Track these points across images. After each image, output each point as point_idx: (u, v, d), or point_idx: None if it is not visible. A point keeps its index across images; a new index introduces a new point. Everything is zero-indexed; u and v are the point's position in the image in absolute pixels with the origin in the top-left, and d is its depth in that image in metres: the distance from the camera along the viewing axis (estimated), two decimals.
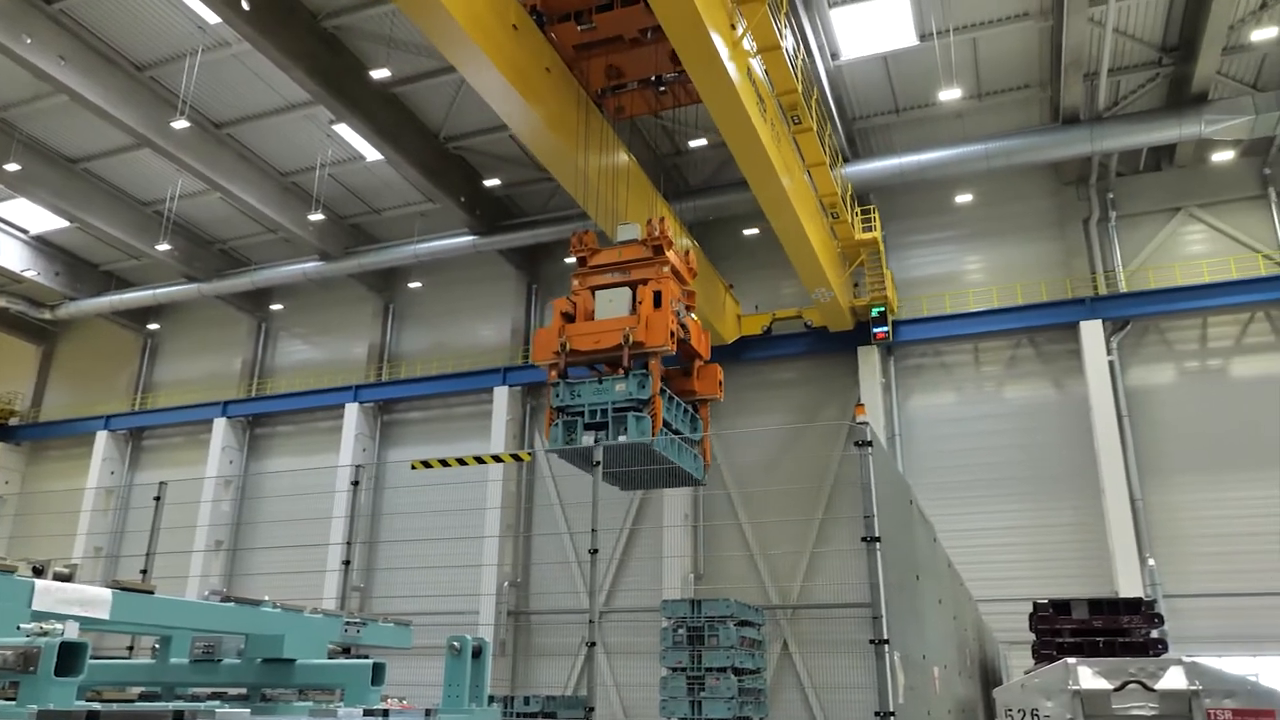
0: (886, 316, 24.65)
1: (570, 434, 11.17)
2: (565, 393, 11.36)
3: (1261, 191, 24.15)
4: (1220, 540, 22.09)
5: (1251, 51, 22.00)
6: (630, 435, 10.76)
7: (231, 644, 4.78)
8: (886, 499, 6.50)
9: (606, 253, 12.48)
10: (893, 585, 6.06)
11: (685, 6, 12.86)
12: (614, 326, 11.47)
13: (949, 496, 24.37)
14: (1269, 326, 23.37)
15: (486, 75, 14.50)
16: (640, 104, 16.71)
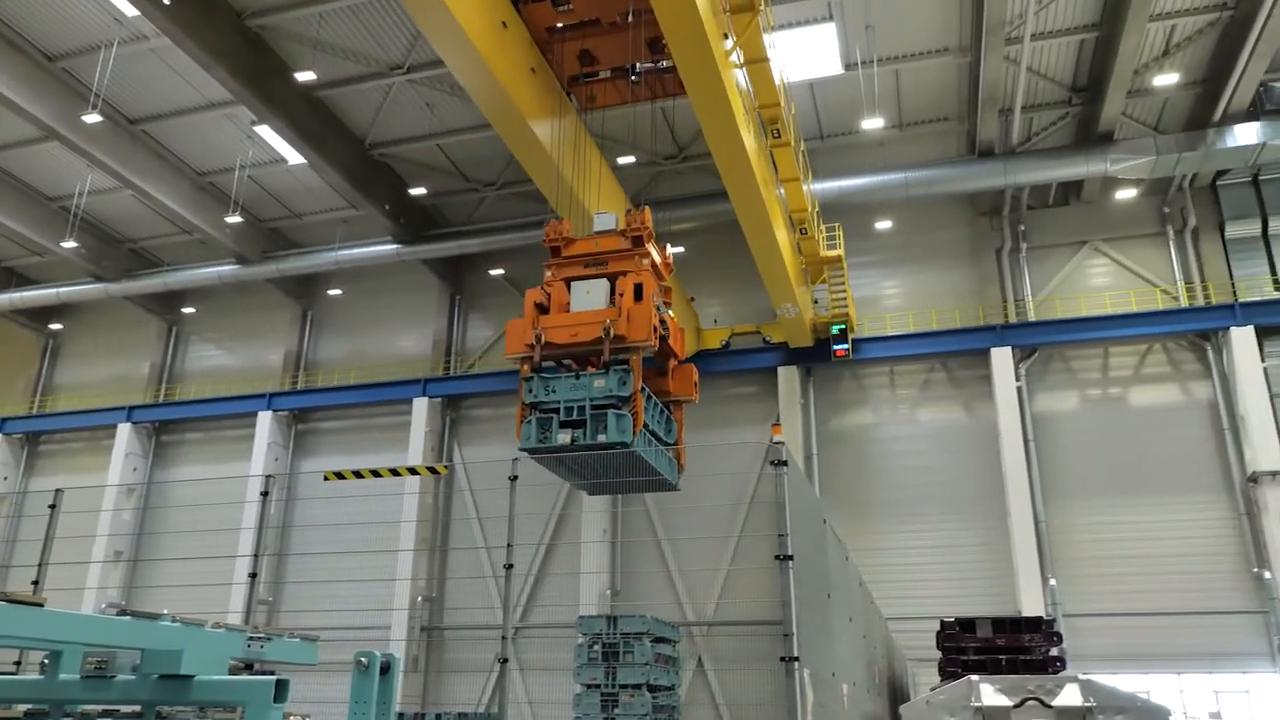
0: (846, 334, 24.93)
1: (544, 432, 10.59)
2: (539, 388, 10.77)
3: (1161, 229, 25.36)
4: (1115, 562, 23.00)
5: (1154, 95, 23.14)
6: (610, 434, 10.29)
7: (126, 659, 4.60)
8: (801, 518, 6.61)
9: (582, 243, 11.82)
10: (804, 603, 6.16)
11: (689, 14, 12.90)
12: (593, 319, 10.92)
13: (863, 516, 24.90)
14: (1165, 358, 24.49)
15: (476, 72, 14.13)
16: (612, 94, 16.14)
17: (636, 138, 25.69)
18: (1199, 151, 22.52)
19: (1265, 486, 21.84)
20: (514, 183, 27.74)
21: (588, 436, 10.37)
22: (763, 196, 18.47)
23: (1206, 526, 22.88)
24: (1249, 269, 24.18)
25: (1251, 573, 22.24)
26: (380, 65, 23.33)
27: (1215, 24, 21.12)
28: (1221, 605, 22.19)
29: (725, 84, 14.74)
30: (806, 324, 24.47)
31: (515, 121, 15.21)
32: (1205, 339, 24.09)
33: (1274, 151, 22.25)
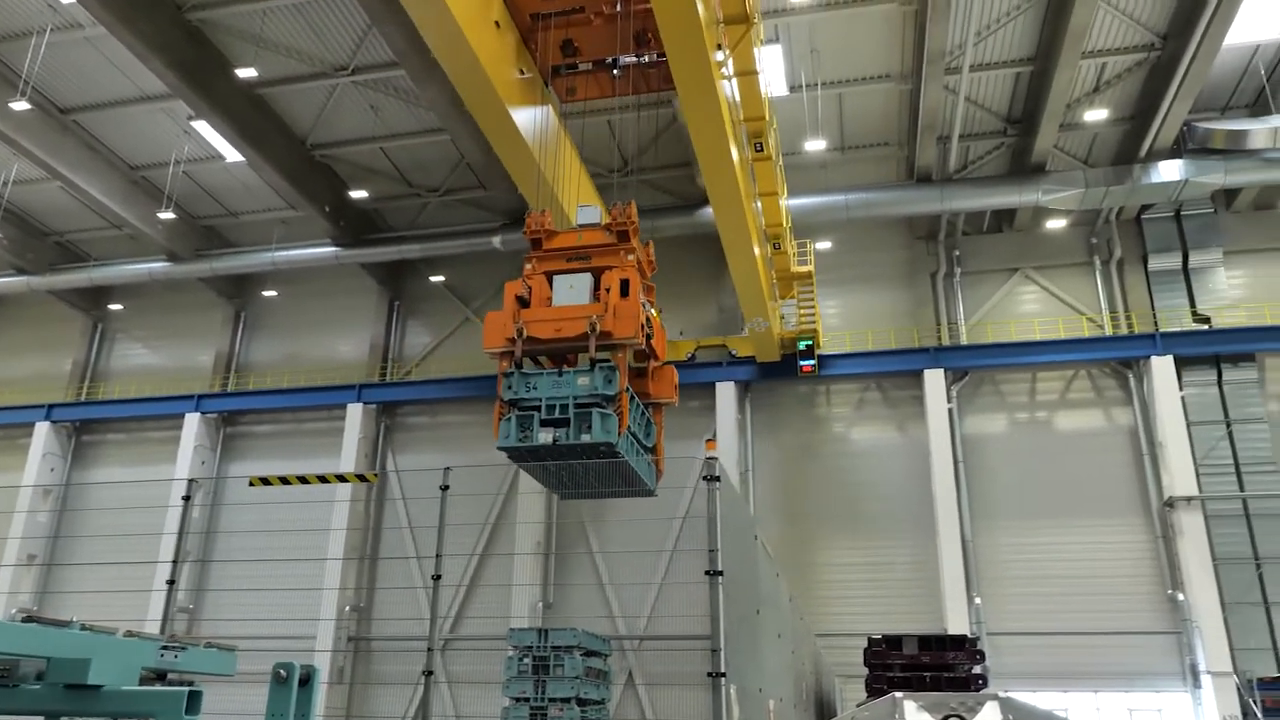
0: (813, 350, 25.05)
1: (524, 430, 10.12)
2: (519, 384, 10.27)
3: (1088, 259, 26.19)
4: (1038, 581, 23.58)
5: (1085, 130, 23.93)
6: (595, 434, 9.88)
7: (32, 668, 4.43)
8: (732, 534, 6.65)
9: (564, 236, 11.36)
10: (733, 619, 6.19)
11: (690, 22, 12.89)
12: (577, 314, 10.50)
13: (797, 532, 25.15)
14: (1090, 384, 25.25)
15: (468, 70, 13.89)
16: (593, 87, 15.64)
17: (582, 150, 25.72)
18: (1125, 186, 23.33)
19: (1180, 511, 22.61)
20: (458, 189, 27.56)
21: (571, 436, 10.02)
22: (745, 209, 18.54)
23: (1125, 549, 23.59)
24: (1170, 300, 25.06)
25: (1166, 594, 22.98)
26: (324, 65, 23.01)
27: (1143, 64, 21.94)
28: (1137, 626, 22.87)
29: (718, 94, 14.77)
30: (775, 339, 24.60)
31: (496, 109, 14.74)
32: (1128, 367, 24.90)
33: (1195, 189, 23.14)
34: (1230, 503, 22.91)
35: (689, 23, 12.96)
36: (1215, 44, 19.61)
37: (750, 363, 26.05)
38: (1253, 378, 23.88)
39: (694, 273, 28.07)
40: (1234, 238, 25.36)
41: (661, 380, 12.04)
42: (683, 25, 13.00)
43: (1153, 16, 20.71)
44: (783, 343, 25.18)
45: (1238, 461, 23.21)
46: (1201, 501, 22.70)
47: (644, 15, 13.79)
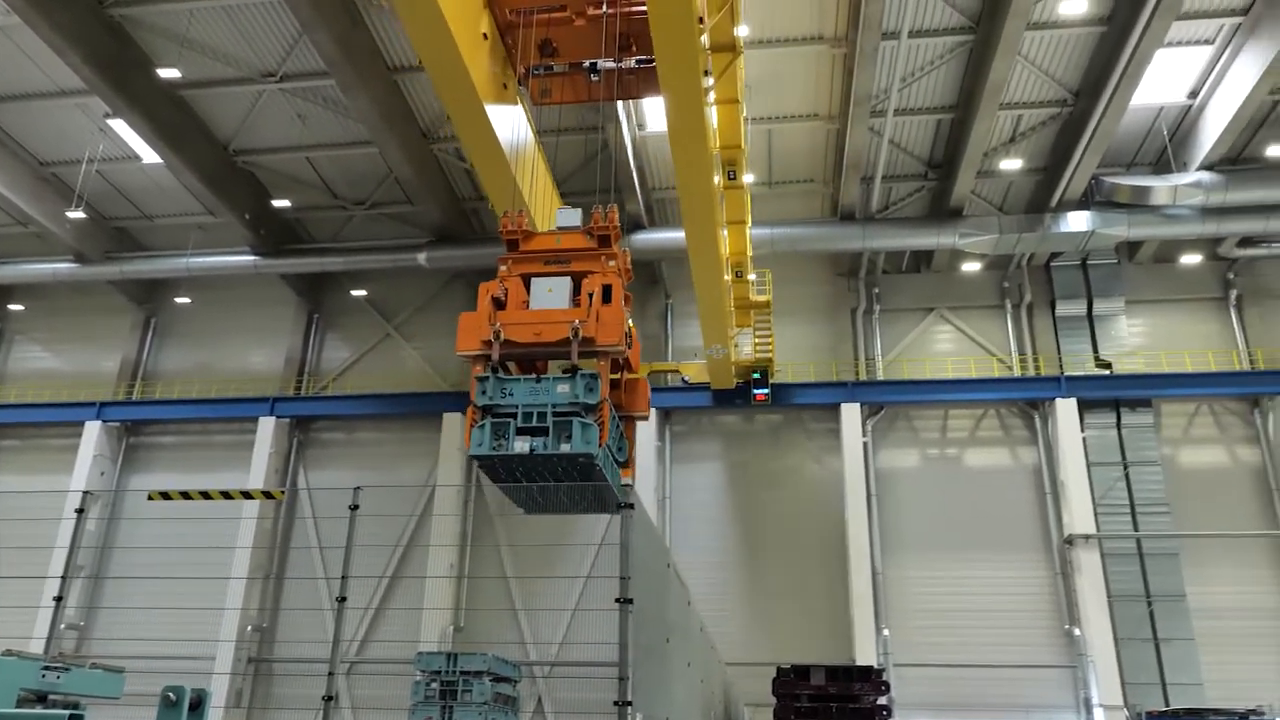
0: (766, 379, 25.16)
1: (499, 438, 9.56)
2: (494, 390, 9.71)
3: (1000, 302, 27.12)
4: (943, 615, 24.13)
5: (1000, 178, 24.85)
6: (575, 445, 9.36)
7: None
8: (644, 562, 6.67)
9: (542, 238, 10.91)
10: (642, 647, 6.19)
11: (688, 46, 12.84)
12: (557, 318, 10.06)
13: (709, 560, 25.28)
14: (998, 423, 26.07)
15: (456, 84, 13.57)
16: (569, 91, 15.12)
17: None
18: (1037, 233, 24.27)
19: (1079, 549, 23.43)
20: (385, 203, 27.20)
21: (549, 446, 9.46)
22: (718, 235, 18.60)
23: (1026, 584, 24.31)
24: (1074, 345, 26.08)
25: (1064, 629, 23.73)
26: (251, 70, 22.55)
27: (1056, 118, 22.92)
28: (1036, 659, 23.54)
29: (705, 120, 14.77)
30: (730, 366, 24.63)
31: (478, 120, 14.41)
32: (1034, 407, 25.80)
33: (1101, 239, 24.20)
34: (1125, 542, 23.84)
35: (685, 48, 12.91)
36: (1123, 103, 20.60)
37: (704, 389, 26.08)
38: (1149, 422, 24.97)
39: None
40: (1135, 288, 26.58)
41: (635, 393, 11.59)
42: (678, 50, 12.94)
43: (1066, 74, 21.68)
44: (736, 370, 25.26)
45: (1133, 502, 24.19)
46: (1099, 540, 23.57)
47: (628, 19, 13.56)
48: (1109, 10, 19.79)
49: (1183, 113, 22.79)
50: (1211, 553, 23.88)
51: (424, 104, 23.56)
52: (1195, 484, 24.73)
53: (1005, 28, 18.75)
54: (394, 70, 22.26)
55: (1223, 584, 23.62)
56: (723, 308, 21.51)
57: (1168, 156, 23.41)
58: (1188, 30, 20.42)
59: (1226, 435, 25.34)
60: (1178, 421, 25.57)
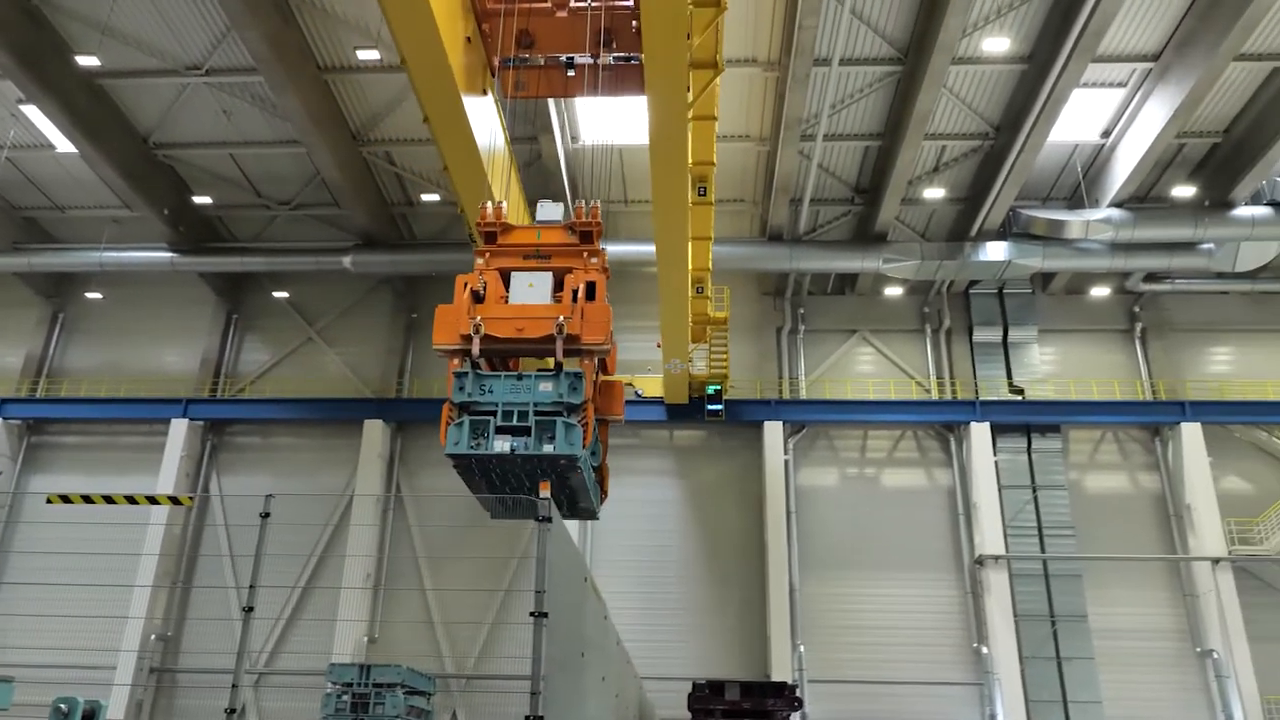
0: (721, 395, 25.25)
1: (478, 436, 9.13)
2: (473, 386, 9.31)
3: (920, 327, 27.83)
4: (857, 631, 24.57)
5: (924, 205, 25.54)
6: (558, 446, 9.00)
7: None
8: (561, 575, 6.66)
9: (522, 232, 10.58)
10: (556, 661, 6.17)
11: (676, 61, 12.79)
12: (540, 314, 9.66)
13: (631, 575, 25.29)
14: (915, 445, 26.71)
15: (438, 84, 13.28)
16: (544, 84, 14.75)
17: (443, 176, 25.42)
18: (957, 261, 24.98)
19: (989, 569, 24.10)
20: (311, 205, 26.69)
21: (531, 446, 9.10)
22: (687, 250, 18.61)
23: (938, 603, 24.90)
24: (990, 371, 26.90)
25: (972, 647, 24.35)
26: (176, 63, 21.95)
27: (978, 150, 23.68)
28: (944, 677, 24.10)
29: (687, 134, 14.80)
30: (686, 381, 24.61)
31: (452, 107, 14.00)
32: (950, 430, 26.50)
33: (1017, 269, 25.02)
34: (1032, 563, 24.61)
35: (673, 61, 12.90)
36: (1040, 139, 21.39)
37: (659, 403, 26.08)
38: (1057, 448, 25.86)
39: None
40: (1048, 318, 27.56)
41: (611, 395, 11.22)
42: (666, 62, 12.89)
43: (989, 108, 22.42)
44: (691, 385, 25.28)
45: (1040, 525, 25.01)
46: (1008, 560, 24.29)
47: (611, 13, 13.40)
48: (1030, 49, 20.55)
49: (1096, 151, 23.74)
50: (1112, 575, 24.81)
51: (355, 106, 23.24)
52: (1099, 508, 25.68)
53: (932, 61, 19.33)
54: (325, 70, 21.91)
55: (1122, 605, 24.54)
56: (685, 323, 21.67)
57: (1081, 192, 24.36)
58: (1102, 73, 21.32)
59: (1129, 462, 26.38)
60: (1084, 448, 26.54)
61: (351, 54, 21.35)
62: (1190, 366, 27.17)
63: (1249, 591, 24.00)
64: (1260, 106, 21.82)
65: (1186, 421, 25.24)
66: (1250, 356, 27.28)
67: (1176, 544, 25.17)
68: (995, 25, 19.95)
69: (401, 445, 27.42)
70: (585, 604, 7.53)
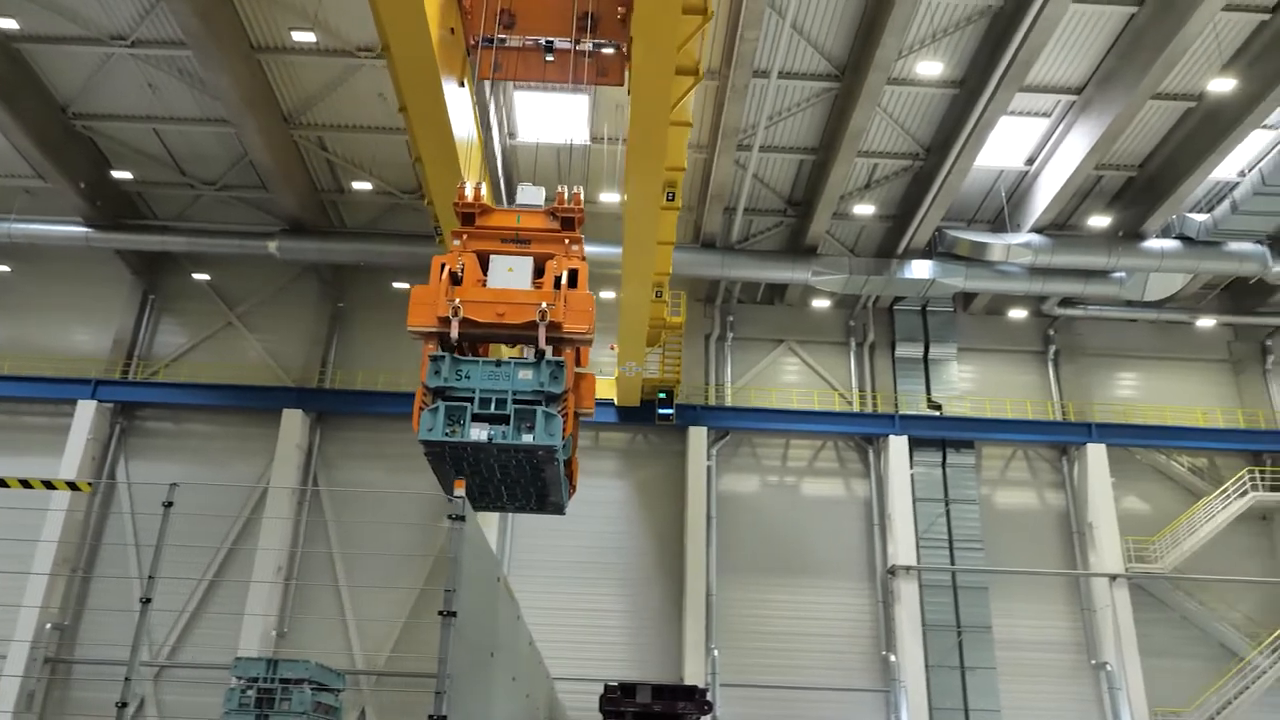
0: (671, 399, 25.30)
1: (453, 423, 8.81)
2: (449, 370, 8.98)
3: (845, 339, 28.39)
4: (771, 637, 24.93)
5: (854, 221, 26.03)
6: (537, 436, 8.72)
7: None
8: (473, 575, 6.62)
9: (501, 215, 10.25)
10: (464, 660, 6.14)
11: (665, 66, 12.76)
12: (521, 299, 9.37)
13: (552, 574, 25.23)
14: (835, 455, 27.21)
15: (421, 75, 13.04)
16: (522, 67, 14.16)
17: (376, 165, 25.10)
18: (883, 277, 25.53)
19: (900, 579, 24.68)
20: (237, 186, 25.99)
21: (509, 436, 8.79)
22: (655, 254, 18.54)
23: (850, 611, 25.42)
24: (910, 385, 27.56)
25: (881, 655, 24.90)
26: (100, 31, 21.17)
27: (908, 170, 24.24)
28: (853, 683, 24.62)
29: (667, 139, 14.76)
30: (639, 384, 24.56)
31: (431, 89, 13.74)
32: (869, 442, 27.07)
33: (940, 288, 25.68)
34: (941, 574, 25.28)
35: (663, 67, 12.88)
36: (968, 163, 22.00)
37: (609, 405, 25.94)
38: (971, 463, 26.63)
39: None
40: (967, 336, 28.35)
41: (582, 389, 10.86)
42: (657, 69, 12.89)
43: (920, 130, 22.97)
44: (643, 389, 25.25)
45: (951, 537, 25.72)
46: (919, 572, 24.90)
47: None
48: (962, 75, 21.12)
49: (1020, 177, 24.50)
50: (1017, 588, 25.63)
51: (288, 88, 22.72)
52: (1007, 523, 26.51)
53: (867, 80, 19.73)
54: (259, 50, 21.37)
55: (1024, 618, 25.38)
56: (644, 326, 21.68)
57: (1004, 217, 25.11)
58: (1029, 102, 22.02)
59: (1037, 479, 27.29)
60: (996, 464, 27.37)
61: (286, 35, 20.88)
62: (1098, 390, 28.24)
63: (1143, 608, 25.04)
64: (1173, 144, 22.78)
65: (1092, 442, 26.24)
66: (1154, 382, 28.47)
67: (1078, 560, 26.12)
68: (930, 49, 20.45)
69: (321, 437, 26.90)
70: (497, 604, 7.50)
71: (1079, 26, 19.78)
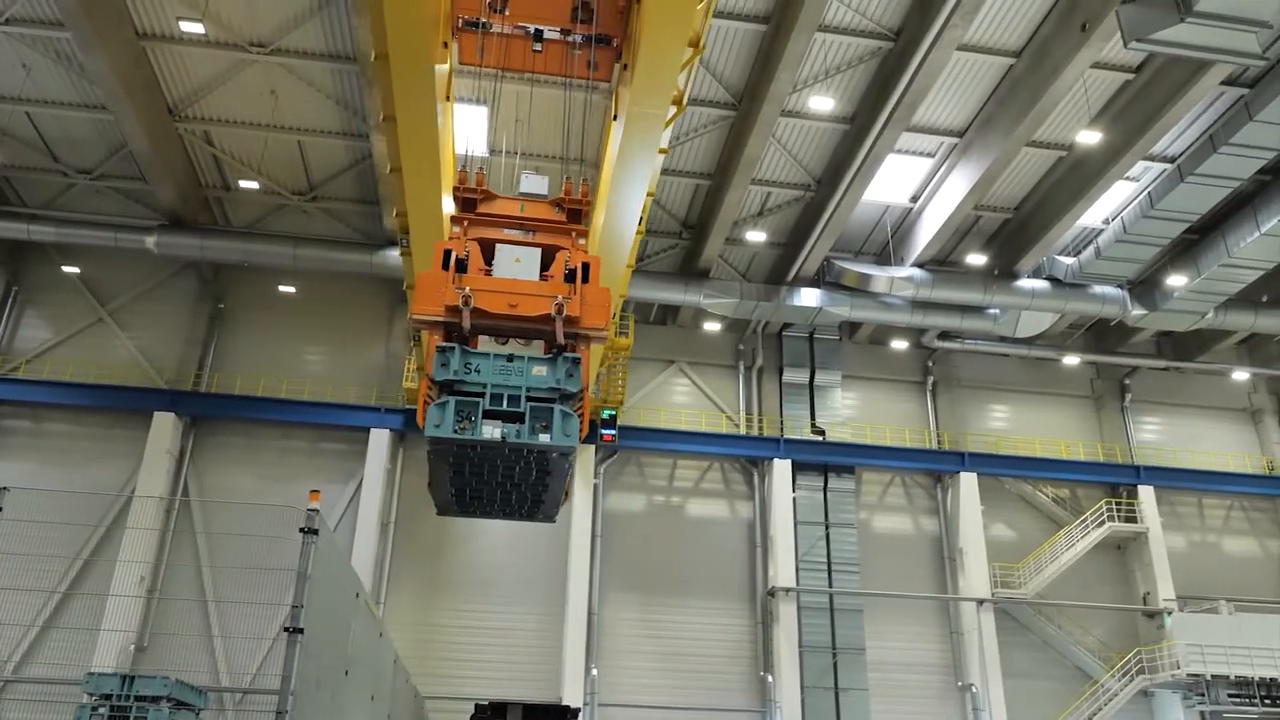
0: (614, 420, 25.12)
1: (463, 419, 8.20)
2: (457, 362, 8.37)
3: (734, 363, 28.85)
4: (652, 657, 25.00)
5: (746, 247, 26.53)
6: (555, 437, 8.21)
7: None
8: (329, 591, 6.44)
9: (504, 202, 9.74)
10: (312, 679, 5.96)
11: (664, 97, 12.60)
12: (534, 291, 8.82)
13: (429, 591, 24.76)
14: (721, 477, 27.56)
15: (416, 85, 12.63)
16: (505, 56, 13.30)
17: (265, 164, 24.34)
18: (773, 303, 26.06)
19: (780, 601, 25.09)
20: (114, 176, 24.83)
21: (525, 435, 8.23)
22: (627, 278, 18.36)
23: (730, 631, 25.70)
24: (795, 410, 28.15)
25: (758, 676, 25.24)
26: None
27: (800, 200, 24.86)
28: (730, 704, 24.87)
29: (651, 167, 14.81)
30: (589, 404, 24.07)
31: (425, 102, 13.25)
32: (754, 465, 27.52)
33: (827, 316, 26.38)
34: (819, 596, 25.82)
35: (661, 97, 12.80)
36: (856, 196, 22.72)
37: None
38: (851, 488, 27.35)
39: (365, 314, 27.36)
40: (851, 364, 29.18)
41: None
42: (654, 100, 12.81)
43: (812, 162, 23.60)
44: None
45: (830, 560, 26.30)
46: (797, 594, 25.37)
47: None
48: (853, 111, 21.82)
49: (905, 213, 25.42)
50: (890, 611, 26.37)
51: (174, 78, 21.85)
52: (883, 547, 27.30)
53: (762, 110, 20.19)
54: (144, 37, 20.51)
55: (897, 640, 26.13)
56: (601, 347, 21.44)
57: (889, 250, 25.99)
58: (915, 142, 22.89)
59: (913, 505, 28.21)
60: (875, 489, 28.18)
61: (174, 24, 20.10)
62: (972, 420, 29.41)
63: (1006, 631, 26.10)
64: (1045, 190, 24.04)
65: (965, 471, 27.30)
66: (1023, 415, 29.84)
67: (948, 584, 27.06)
68: (823, 85, 21.07)
69: (194, 442, 25.77)
70: (353, 620, 7.30)
71: (962, 73, 20.72)
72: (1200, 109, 21.01)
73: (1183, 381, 30.74)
